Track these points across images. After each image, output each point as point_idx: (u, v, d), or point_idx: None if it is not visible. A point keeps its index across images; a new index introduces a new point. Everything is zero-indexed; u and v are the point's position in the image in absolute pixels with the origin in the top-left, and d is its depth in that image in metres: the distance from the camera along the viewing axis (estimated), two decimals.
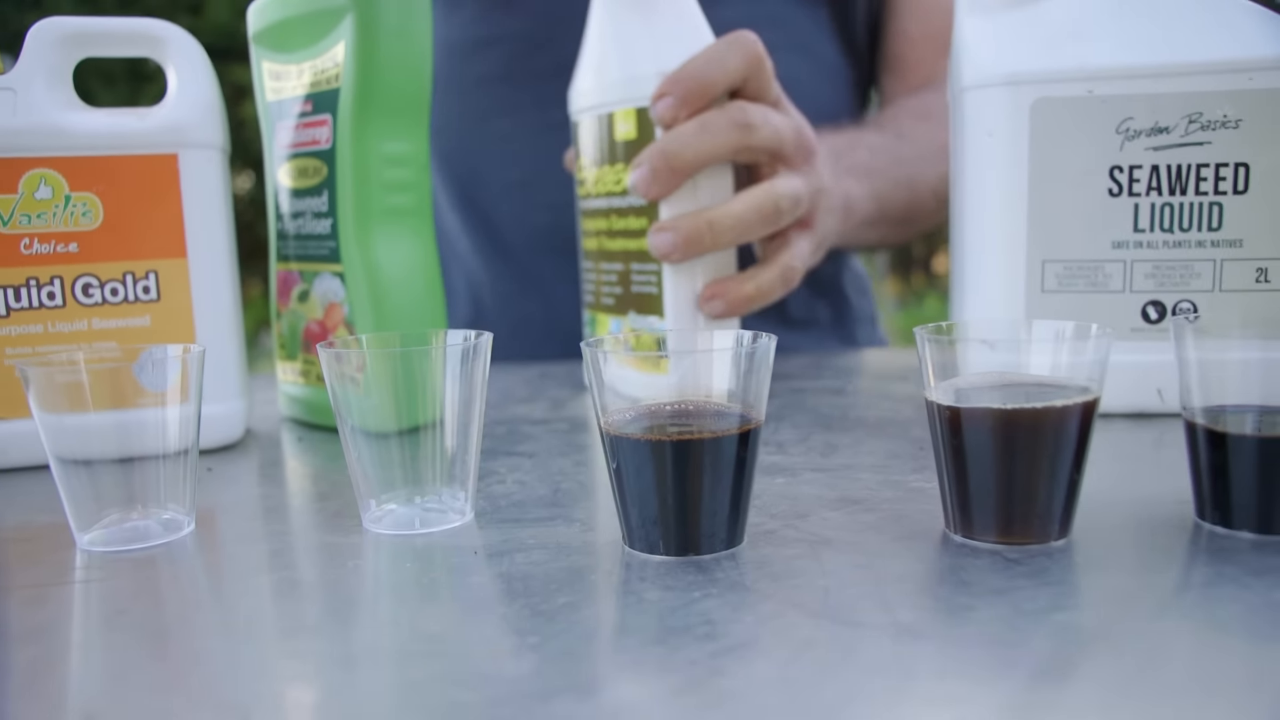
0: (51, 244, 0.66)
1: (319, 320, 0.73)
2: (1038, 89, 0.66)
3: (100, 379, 0.50)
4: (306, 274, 0.74)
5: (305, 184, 0.72)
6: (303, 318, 0.75)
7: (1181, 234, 0.66)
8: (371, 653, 0.38)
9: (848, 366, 0.93)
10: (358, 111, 0.68)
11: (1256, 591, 0.40)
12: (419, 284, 0.72)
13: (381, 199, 0.70)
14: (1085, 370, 0.45)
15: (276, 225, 0.77)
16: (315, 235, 0.72)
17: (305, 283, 0.74)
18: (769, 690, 0.33)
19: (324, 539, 0.50)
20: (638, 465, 0.45)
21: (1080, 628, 0.37)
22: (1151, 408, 0.68)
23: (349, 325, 0.71)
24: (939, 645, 0.36)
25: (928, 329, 0.47)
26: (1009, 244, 0.67)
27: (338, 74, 0.68)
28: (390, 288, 0.70)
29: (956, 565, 0.43)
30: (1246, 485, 0.45)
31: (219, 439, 0.70)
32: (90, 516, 0.51)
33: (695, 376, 0.46)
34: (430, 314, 0.72)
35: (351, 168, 0.69)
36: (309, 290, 0.74)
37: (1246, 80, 0.64)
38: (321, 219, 0.71)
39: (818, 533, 0.48)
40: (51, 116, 0.65)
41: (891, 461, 0.60)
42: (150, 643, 0.40)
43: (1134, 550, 0.45)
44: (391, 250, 0.70)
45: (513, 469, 0.61)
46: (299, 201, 0.73)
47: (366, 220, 0.69)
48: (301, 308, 0.74)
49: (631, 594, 0.42)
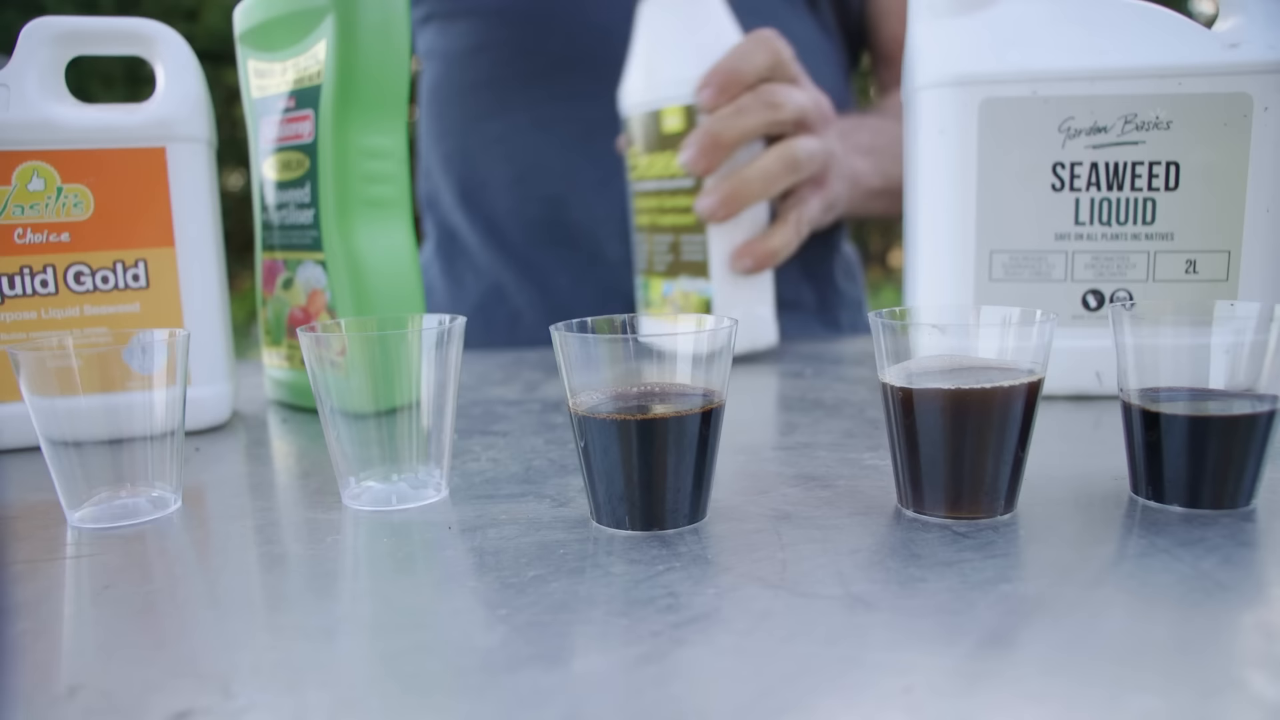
0: (44, 234, 0.64)
1: (302, 307, 0.72)
2: (985, 89, 0.65)
3: (89, 363, 0.48)
4: (290, 262, 0.72)
5: (288, 176, 0.71)
6: (287, 304, 0.73)
7: (1118, 227, 0.66)
8: (349, 624, 0.37)
9: (808, 352, 0.93)
10: (338, 107, 0.67)
11: (1186, 562, 0.39)
12: (398, 272, 0.71)
13: (361, 190, 0.69)
14: (1030, 354, 0.44)
15: (262, 216, 0.75)
16: (298, 225, 0.71)
17: (289, 271, 0.73)
18: (728, 659, 0.33)
19: (305, 515, 0.49)
20: (604, 444, 0.44)
21: (1023, 597, 0.37)
22: (1091, 390, 0.68)
23: (331, 311, 0.70)
24: (890, 615, 0.36)
25: (882, 314, 0.47)
26: (959, 235, 0.67)
27: (319, 71, 0.67)
28: (370, 275, 0.69)
29: (908, 539, 0.43)
30: (1177, 462, 0.45)
31: (206, 420, 0.69)
32: (80, 495, 0.50)
33: (661, 359, 0.45)
34: (408, 300, 0.71)
35: (332, 160, 0.68)
36: (293, 278, 0.72)
37: (1176, 85, 0.64)
38: (304, 210, 0.70)
39: (777, 508, 0.47)
40: (44, 111, 0.64)
41: (847, 440, 0.59)
42: (136, 615, 0.39)
43: (1074, 524, 0.44)
44: (371, 239, 0.69)
45: (487, 447, 0.60)
46: (283, 193, 0.72)
47: (347, 210, 0.69)
48: (286, 295, 0.73)
49: (598, 567, 0.41)
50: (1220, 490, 0.45)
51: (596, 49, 1.00)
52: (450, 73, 1.09)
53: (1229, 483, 0.45)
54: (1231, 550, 0.40)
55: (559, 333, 0.45)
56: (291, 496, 0.53)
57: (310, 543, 0.46)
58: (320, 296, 0.70)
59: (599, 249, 1.06)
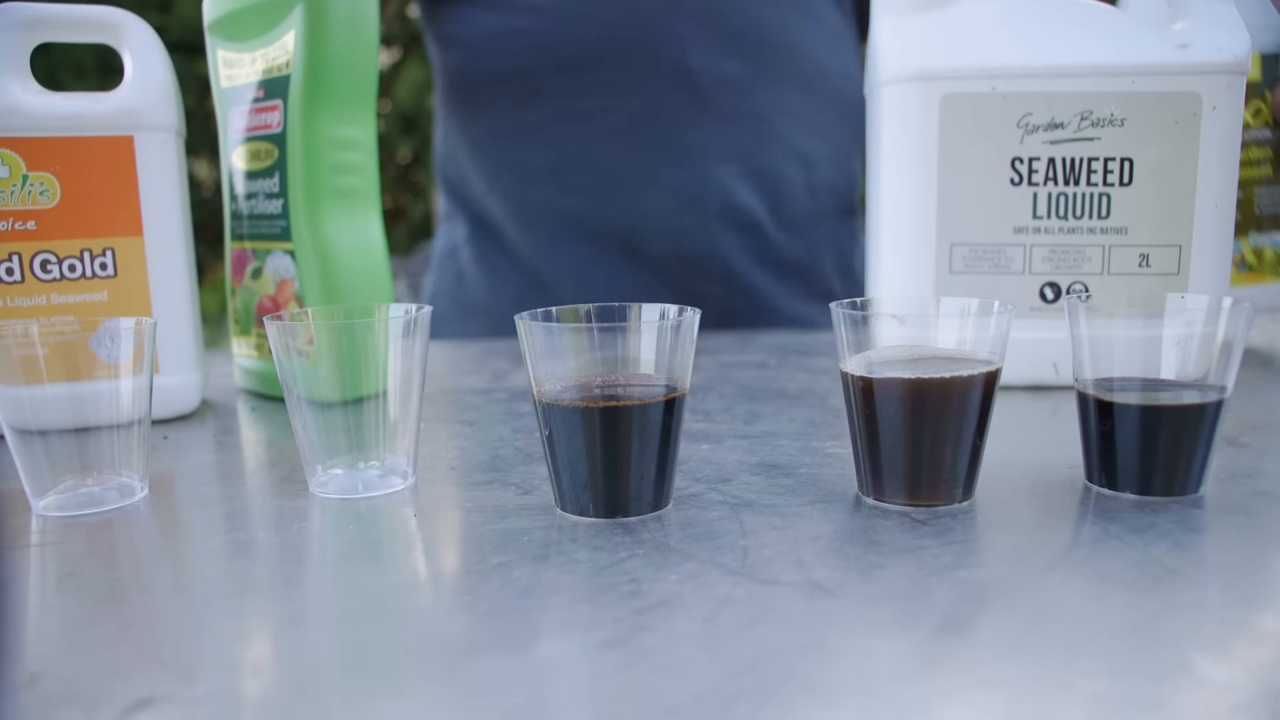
0: (10, 221, 0.62)
1: (271, 296, 0.71)
2: (946, 85, 0.65)
3: (55, 352, 0.47)
4: (259, 252, 0.71)
5: (257, 166, 0.70)
6: (256, 294, 0.72)
7: (1075, 221, 0.66)
8: (314, 611, 0.36)
9: (773, 342, 0.93)
10: (306, 97, 0.66)
11: (1137, 548, 0.39)
12: (366, 261, 0.70)
13: (330, 180, 0.68)
14: (988, 344, 0.44)
15: (231, 206, 0.74)
16: (267, 215, 0.70)
17: (258, 260, 0.72)
18: (689, 645, 0.32)
19: (272, 503, 0.49)
20: (569, 432, 0.43)
21: (980, 583, 0.37)
22: (1047, 380, 0.68)
23: (299, 300, 0.69)
24: (850, 601, 0.35)
25: (843, 304, 0.46)
26: (920, 227, 0.67)
27: (288, 61, 0.66)
28: (338, 265, 0.68)
29: (867, 526, 0.43)
30: (1129, 451, 0.45)
31: (175, 409, 0.68)
32: (45, 483, 0.49)
33: (625, 348, 0.45)
34: (377, 290, 0.70)
35: (301, 150, 0.67)
36: (261, 267, 0.71)
37: (1130, 83, 0.64)
38: (273, 199, 0.69)
39: (739, 496, 0.47)
40: (9, 98, 0.62)
41: (809, 429, 0.59)
42: (101, 603, 0.38)
43: (1030, 511, 0.45)
44: (340, 229, 0.69)
45: (454, 436, 0.60)
46: (252, 183, 0.71)
47: (316, 200, 0.68)
48: (255, 284, 0.72)
49: (562, 554, 0.40)
50: (1170, 478, 0.45)
51: (636, 39, 0.97)
52: (476, 59, 1.03)
53: (1179, 470, 0.45)
54: (1180, 536, 0.41)
55: (523, 322, 0.44)
56: (259, 484, 0.52)
57: (277, 530, 0.45)
58: (289, 286, 0.69)
59: (640, 243, 1.02)
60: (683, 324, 0.44)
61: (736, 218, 1.00)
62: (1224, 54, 0.64)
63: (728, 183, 0.98)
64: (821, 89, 1.03)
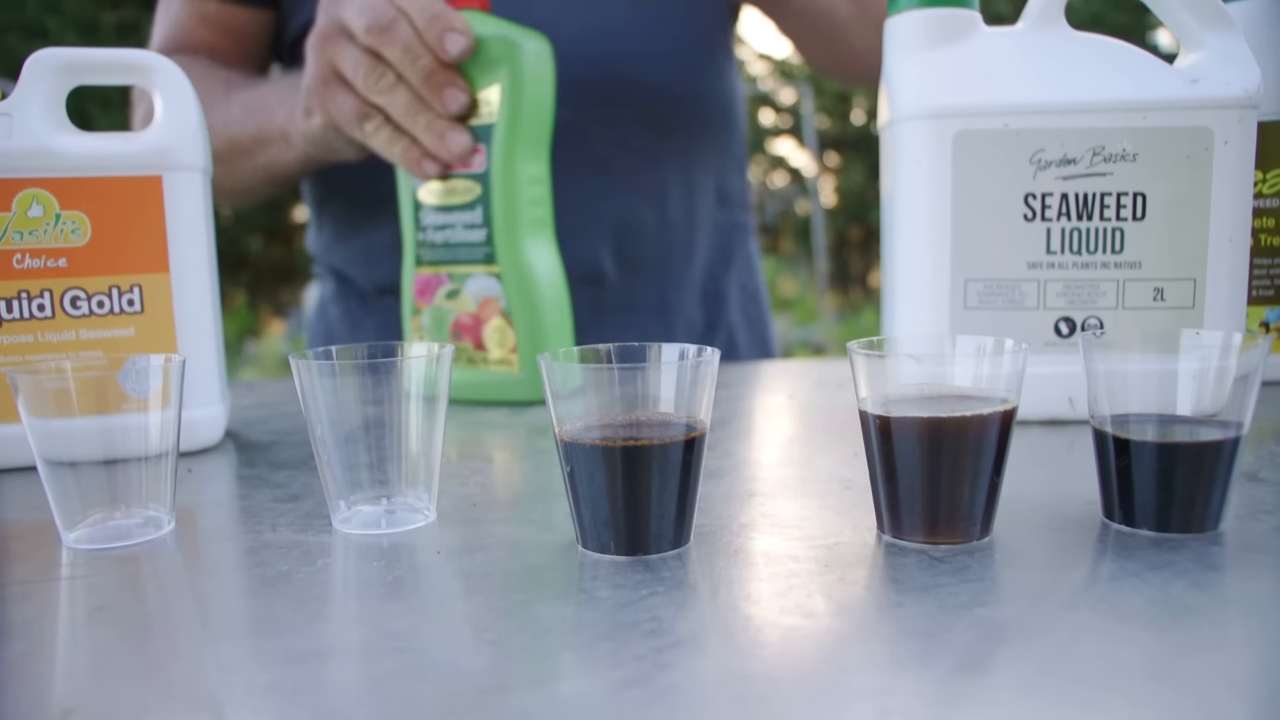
0: (42, 259, 0.64)
1: (472, 314, 0.81)
2: (959, 122, 0.66)
3: (86, 386, 0.48)
4: (456, 275, 0.81)
5: (457, 201, 0.80)
6: (451, 312, 0.82)
7: (1089, 256, 0.66)
8: (338, 648, 0.37)
9: (791, 377, 0.93)
10: (508, 142, 0.77)
11: (1155, 585, 0.40)
12: (554, 279, 0.81)
13: (526, 211, 0.79)
14: (1004, 382, 0.45)
15: (417, 236, 0.83)
16: (467, 243, 0.80)
17: (455, 283, 0.81)
18: (710, 683, 0.33)
19: (296, 538, 0.49)
20: (590, 470, 0.44)
21: (998, 621, 0.37)
22: (1063, 415, 0.68)
23: (506, 315, 0.79)
24: (869, 639, 0.36)
25: (860, 344, 0.47)
26: (934, 264, 0.67)
27: (491, 112, 0.77)
28: (537, 283, 0.79)
29: (886, 563, 0.43)
30: (1147, 487, 0.45)
31: (199, 442, 0.69)
32: (76, 515, 0.49)
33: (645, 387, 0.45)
34: (562, 304, 0.81)
35: (503, 187, 0.77)
36: (460, 289, 0.81)
37: (1141, 119, 0.65)
38: (474, 229, 0.79)
39: (758, 532, 0.47)
40: (45, 140, 0.64)
41: (828, 465, 0.59)
42: (130, 637, 0.38)
43: (1047, 548, 0.45)
44: (534, 253, 0.79)
45: (475, 472, 0.60)
46: (447, 215, 0.81)
47: (516, 230, 0.78)
48: (450, 303, 0.82)
49: (584, 592, 0.41)
50: (1189, 514, 0.45)
51: None
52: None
53: (1197, 507, 0.45)
54: (1199, 574, 0.41)
55: (545, 361, 0.45)
56: (282, 519, 0.53)
57: (301, 565, 0.45)
58: (493, 304, 0.80)
59: None
60: (702, 363, 0.45)
61: (581, 273, 0.96)
62: (1234, 89, 0.64)
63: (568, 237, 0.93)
64: (668, 108, 1.00)
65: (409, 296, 0.85)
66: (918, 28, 0.68)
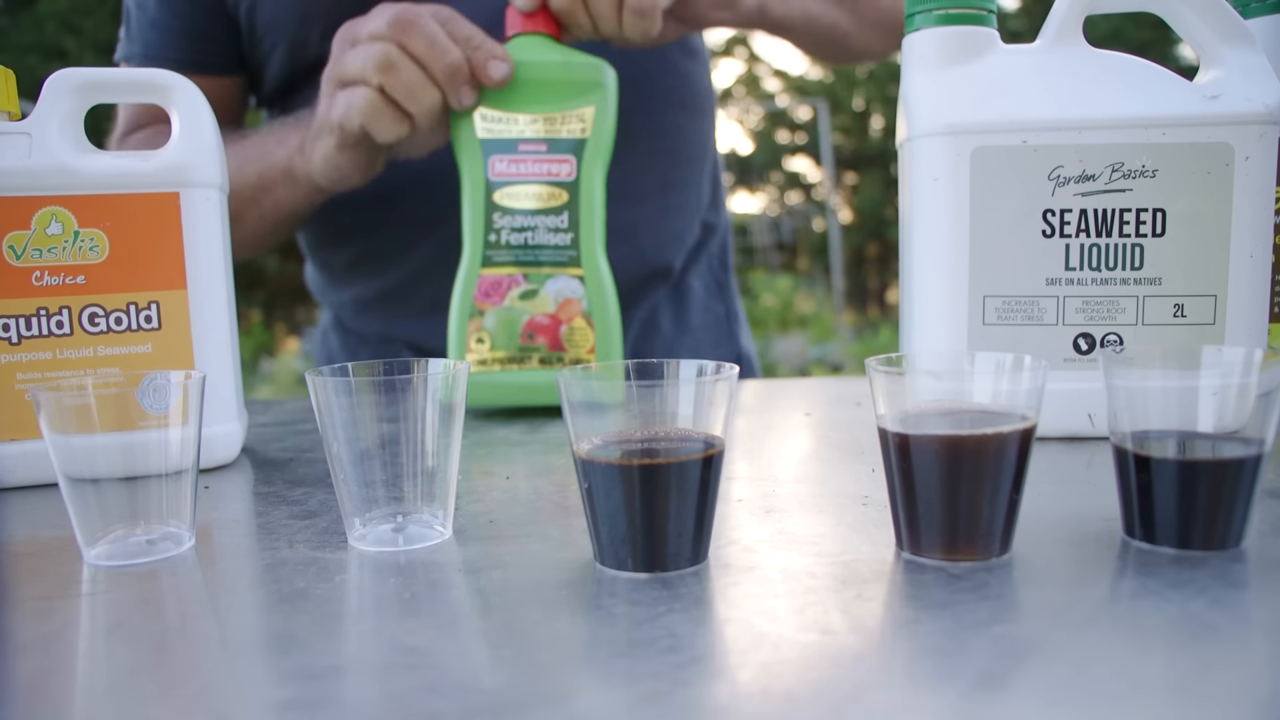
0: (61, 276, 0.65)
1: (550, 314, 0.85)
2: (977, 139, 0.66)
3: (106, 403, 0.49)
4: (533, 276, 0.85)
5: (545, 205, 0.84)
6: (525, 313, 0.85)
7: (1108, 272, 0.66)
8: (355, 664, 0.37)
9: (808, 394, 0.93)
10: (594, 156, 0.85)
11: (1175, 603, 0.40)
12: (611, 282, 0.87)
13: (601, 220, 0.86)
14: (1023, 399, 0.45)
15: (486, 238, 0.85)
16: (551, 245, 0.84)
17: (532, 284, 0.85)
18: (727, 699, 0.33)
19: (313, 555, 0.50)
20: (607, 487, 0.44)
21: (1017, 639, 0.37)
22: (1083, 431, 0.68)
23: (587, 317, 0.84)
24: (887, 656, 0.36)
25: (878, 361, 0.47)
26: (953, 280, 0.68)
27: (584, 128, 0.85)
28: (610, 288, 0.85)
29: (904, 580, 0.43)
30: (1168, 504, 0.45)
31: (216, 459, 0.69)
32: (96, 532, 0.50)
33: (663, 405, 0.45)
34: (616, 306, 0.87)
35: (588, 196, 0.84)
36: (538, 290, 0.84)
37: (1161, 135, 0.65)
38: (560, 233, 0.84)
39: (776, 549, 0.47)
40: (63, 158, 0.65)
41: (847, 482, 0.59)
42: (149, 654, 0.39)
43: (1067, 565, 0.45)
44: (605, 260, 0.86)
45: (491, 488, 0.61)
46: (531, 219, 0.84)
47: (594, 236, 0.85)
48: (524, 304, 0.85)
49: (601, 609, 0.41)
50: (1210, 532, 0.45)
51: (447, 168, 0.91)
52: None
53: (1219, 524, 0.45)
54: (1220, 592, 0.41)
55: (563, 377, 0.45)
56: (299, 536, 0.53)
57: (318, 582, 0.46)
58: (574, 305, 0.85)
59: None
60: (720, 381, 0.45)
61: None
62: (1255, 104, 0.64)
63: None
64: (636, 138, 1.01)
65: (468, 300, 0.86)
66: (935, 45, 0.68)
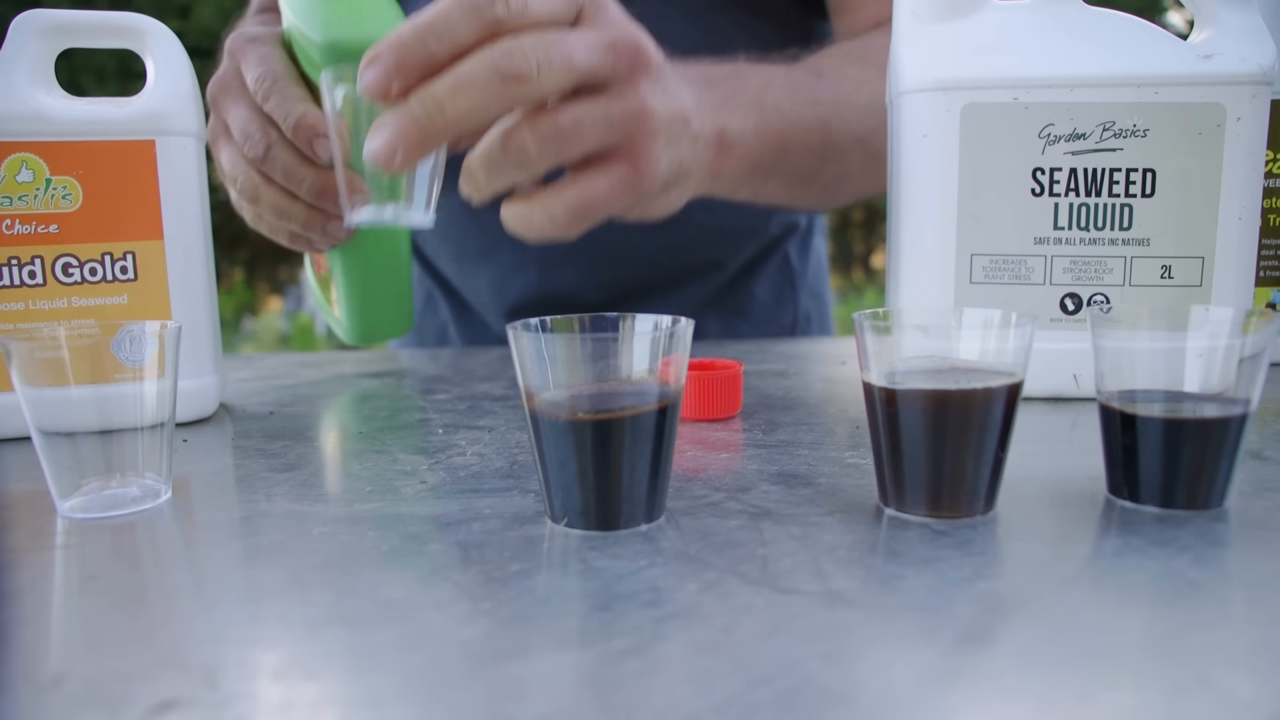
0: (32, 225, 0.63)
1: None
2: (967, 95, 0.66)
3: (80, 354, 0.48)
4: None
5: None
6: None
7: (1096, 232, 0.66)
8: (333, 616, 0.37)
9: (791, 351, 0.93)
10: None
11: (1159, 561, 0.40)
12: None
13: None
14: (1010, 356, 0.45)
15: None
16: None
17: None
18: (709, 654, 0.33)
19: (291, 507, 0.49)
20: (559, 441, 0.43)
21: (1000, 595, 0.37)
22: (1068, 392, 0.68)
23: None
24: (870, 612, 0.36)
25: (866, 315, 0.47)
26: (941, 238, 0.67)
27: None
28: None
29: (888, 536, 0.43)
30: (1152, 463, 0.45)
31: (194, 412, 0.69)
32: (70, 485, 0.49)
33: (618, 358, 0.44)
34: None
35: None
36: None
37: (1153, 94, 0.64)
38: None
39: (758, 505, 0.47)
40: (33, 102, 0.63)
41: (829, 439, 0.59)
42: (123, 605, 0.38)
43: (1051, 523, 0.45)
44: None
45: (472, 442, 0.60)
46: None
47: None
48: None
49: (582, 562, 0.41)
50: (1194, 491, 0.45)
51: None
52: None
53: (1202, 484, 0.45)
54: (1203, 550, 0.41)
55: (514, 331, 0.44)
56: (278, 489, 0.53)
57: (296, 535, 0.45)
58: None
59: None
60: (675, 333, 0.44)
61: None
62: (1249, 64, 0.64)
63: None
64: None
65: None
66: (927, 0, 0.67)
